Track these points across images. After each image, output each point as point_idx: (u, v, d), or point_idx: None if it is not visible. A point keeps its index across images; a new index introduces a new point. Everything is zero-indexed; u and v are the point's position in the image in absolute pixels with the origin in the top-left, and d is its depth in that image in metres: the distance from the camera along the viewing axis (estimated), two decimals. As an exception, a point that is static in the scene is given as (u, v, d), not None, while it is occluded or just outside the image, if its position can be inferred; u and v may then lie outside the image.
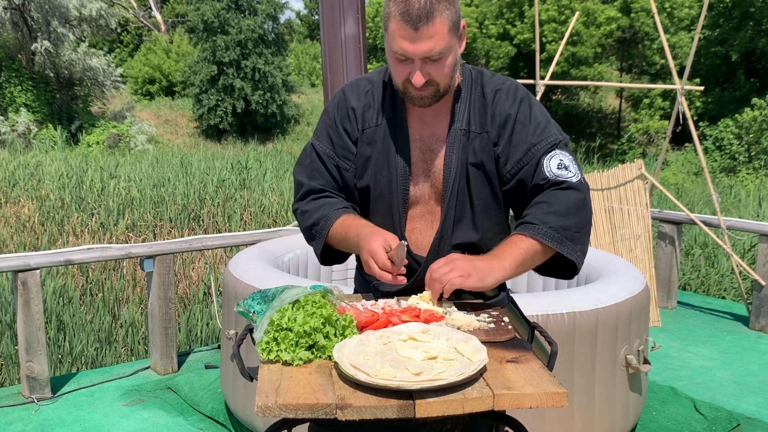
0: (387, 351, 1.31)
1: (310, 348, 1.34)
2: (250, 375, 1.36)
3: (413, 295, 1.62)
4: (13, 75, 19.35)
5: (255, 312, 1.44)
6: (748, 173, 16.57)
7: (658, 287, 5.28)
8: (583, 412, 2.78)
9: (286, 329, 1.34)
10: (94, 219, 8.09)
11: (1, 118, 18.47)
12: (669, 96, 21.03)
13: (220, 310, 4.51)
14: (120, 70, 22.98)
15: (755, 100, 17.88)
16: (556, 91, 24.39)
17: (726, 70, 21.80)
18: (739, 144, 17.52)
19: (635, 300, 2.92)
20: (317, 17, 37.18)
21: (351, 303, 1.55)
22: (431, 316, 1.49)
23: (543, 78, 5.81)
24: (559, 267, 1.68)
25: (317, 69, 32.04)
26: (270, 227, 8.01)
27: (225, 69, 23.63)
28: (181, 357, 4.28)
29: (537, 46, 6.10)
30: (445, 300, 1.56)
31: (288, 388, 1.21)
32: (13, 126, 18.53)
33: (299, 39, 37.35)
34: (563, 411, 2.71)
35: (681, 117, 5.28)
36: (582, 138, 22.40)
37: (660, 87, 6.74)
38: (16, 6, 19.21)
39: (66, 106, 20.37)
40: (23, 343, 3.60)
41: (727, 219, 5.29)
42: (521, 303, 1.87)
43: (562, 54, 20.08)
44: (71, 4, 20.36)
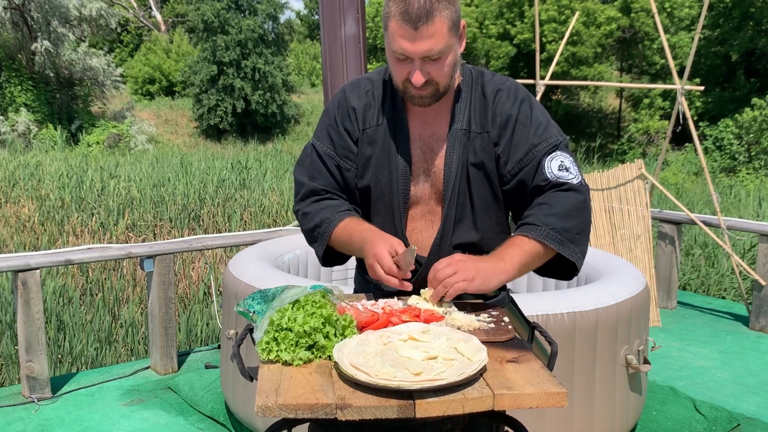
0: (387, 351, 1.31)
1: (310, 348, 1.34)
2: (250, 375, 1.36)
3: (413, 295, 1.63)
4: (13, 75, 19.35)
5: (255, 312, 1.44)
6: (748, 173, 16.56)
7: (658, 287, 5.28)
8: (583, 412, 2.78)
9: (286, 329, 1.34)
10: (94, 219, 8.09)
11: (1, 117, 18.47)
12: (669, 96, 21.03)
13: (220, 310, 4.51)
14: (120, 70, 22.98)
15: (755, 100, 17.88)
16: (556, 91, 24.39)
17: (726, 70, 21.80)
18: (739, 144, 17.52)
19: (635, 300, 2.92)
20: (317, 17, 37.17)
21: (351, 303, 1.55)
22: (431, 316, 1.49)
23: (543, 78, 5.81)
24: (560, 268, 1.68)
25: (317, 69, 32.04)
26: (270, 227, 8.01)
27: (225, 69, 23.63)
28: (181, 357, 4.28)
29: (537, 46, 6.10)
30: (445, 301, 1.56)
31: (288, 388, 1.21)
32: (13, 126, 18.53)
33: (299, 39, 37.35)
34: (563, 411, 2.71)
35: (681, 117, 5.28)
36: (582, 138, 22.40)
37: (660, 87, 6.74)
38: (16, 6, 19.21)
39: (66, 106, 20.37)
40: (23, 343, 3.60)
41: (727, 219, 5.29)
42: (521, 303, 1.87)
43: (562, 54, 20.07)
44: (71, 3, 20.36)
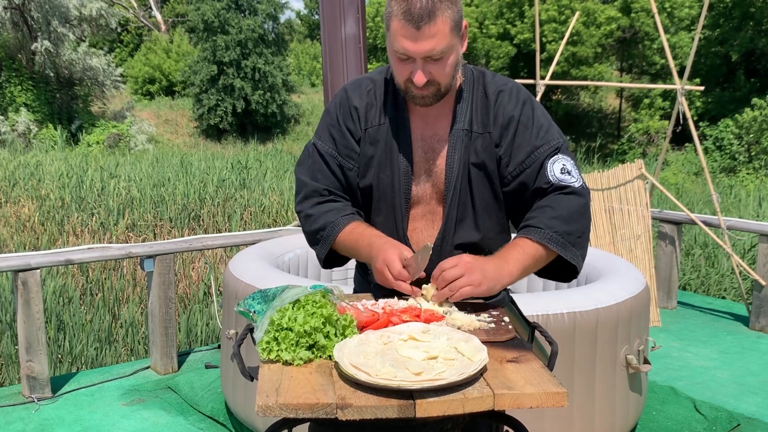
0: (387, 351, 1.31)
1: (310, 348, 1.34)
2: (250, 375, 1.36)
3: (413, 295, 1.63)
4: (13, 75, 19.36)
5: (255, 312, 1.44)
6: (748, 173, 16.56)
7: (658, 287, 5.28)
8: (584, 412, 2.78)
9: (286, 329, 1.34)
10: (94, 219, 8.09)
11: (1, 117, 18.47)
12: (669, 96, 21.02)
13: (220, 309, 4.51)
14: (120, 69, 22.99)
15: (755, 100, 17.88)
16: (556, 91, 24.39)
17: (726, 70, 21.80)
18: (739, 144, 17.52)
19: (635, 300, 2.92)
20: (317, 17, 37.16)
21: (351, 303, 1.55)
22: (431, 315, 1.49)
23: (543, 78, 5.81)
24: (560, 270, 1.69)
25: (317, 69, 32.04)
26: (270, 227, 8.01)
27: (225, 69, 23.63)
28: (181, 357, 4.28)
29: (537, 46, 6.10)
30: (446, 300, 1.57)
31: (288, 387, 1.21)
32: (13, 126, 18.53)
33: (299, 39, 37.35)
34: (563, 411, 2.71)
35: (681, 117, 5.28)
36: (582, 138, 22.40)
37: (660, 87, 6.74)
38: (16, 6, 19.21)
39: (66, 105, 20.37)
40: (23, 343, 3.60)
41: (728, 219, 5.29)
42: (521, 303, 1.88)
43: (562, 54, 20.06)
44: (71, 3, 20.36)
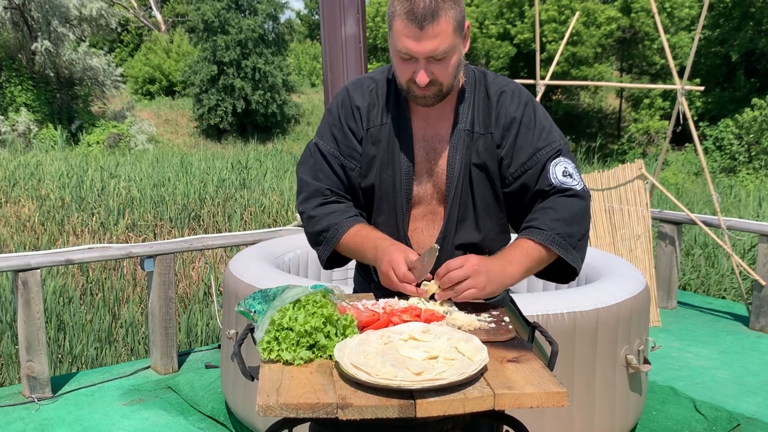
0: (388, 350, 1.31)
1: (311, 347, 1.34)
2: (251, 374, 1.36)
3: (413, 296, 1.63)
4: (14, 75, 19.36)
5: (256, 311, 1.44)
6: (748, 173, 16.56)
7: (658, 287, 5.28)
8: (584, 411, 2.78)
9: (287, 329, 1.34)
10: (94, 219, 8.09)
11: (2, 117, 18.47)
12: (669, 96, 21.02)
13: (220, 309, 4.51)
14: (120, 69, 22.99)
15: (755, 100, 17.88)
16: (556, 91, 24.39)
17: (726, 70, 21.80)
18: (740, 144, 17.52)
19: (635, 300, 2.92)
20: (317, 17, 37.16)
21: (352, 303, 1.55)
22: (432, 315, 1.49)
23: (543, 78, 5.81)
24: (560, 272, 1.70)
25: (317, 69, 32.04)
26: (270, 227, 8.01)
27: (225, 69, 23.63)
28: (182, 357, 4.28)
29: (537, 46, 6.10)
30: (446, 300, 1.57)
31: (289, 387, 1.21)
32: (14, 126, 18.53)
33: (299, 39, 37.35)
34: (563, 411, 2.71)
35: (681, 117, 5.28)
36: (582, 138, 22.41)
37: (660, 87, 6.73)
38: (16, 6, 19.21)
39: (66, 105, 20.37)
40: (23, 343, 3.60)
41: (728, 219, 5.29)
42: (521, 303, 1.88)
43: (562, 54, 20.06)
44: (71, 3, 20.36)
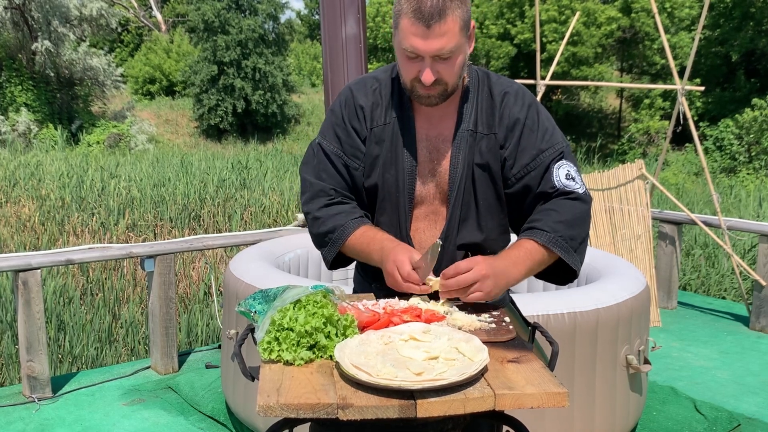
0: (388, 351, 1.31)
1: (311, 348, 1.34)
2: (251, 374, 1.36)
3: (414, 296, 1.63)
4: (14, 75, 19.36)
5: (256, 312, 1.44)
6: (748, 173, 16.56)
7: (658, 287, 5.28)
8: (584, 412, 2.78)
9: (287, 329, 1.34)
10: (94, 219, 8.09)
11: (2, 117, 18.47)
12: (669, 96, 21.02)
13: (220, 309, 4.51)
14: (120, 69, 22.99)
15: (755, 100, 17.88)
16: (556, 91, 24.39)
17: (726, 70, 21.80)
18: (740, 144, 17.52)
19: (636, 300, 2.92)
20: (318, 17, 37.15)
21: (352, 303, 1.55)
22: (432, 316, 1.49)
23: (543, 78, 5.80)
24: (560, 273, 1.70)
25: (318, 69, 32.04)
26: (270, 227, 8.01)
27: (225, 69, 23.63)
28: (182, 357, 4.28)
29: (537, 46, 6.09)
30: (447, 300, 1.57)
31: (289, 387, 1.21)
32: (14, 125, 18.54)
33: (300, 39, 37.35)
34: (564, 411, 2.71)
35: (681, 117, 5.28)
36: (582, 138, 22.41)
37: (660, 87, 6.73)
38: (16, 6, 19.21)
39: (66, 105, 20.37)
40: (24, 343, 3.60)
41: (728, 219, 5.29)
42: (521, 303, 1.88)
43: (562, 54, 20.05)
44: (72, 3, 20.36)
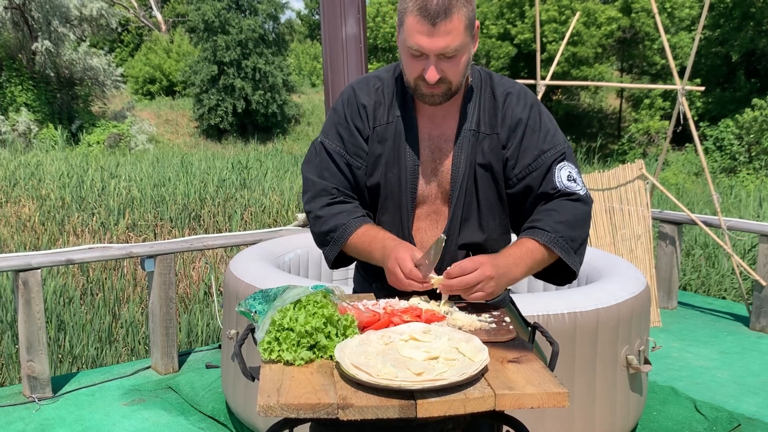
0: (388, 351, 1.31)
1: (311, 348, 1.34)
2: (251, 375, 1.36)
3: (414, 296, 1.63)
4: (14, 74, 19.36)
5: (257, 312, 1.44)
6: (748, 173, 16.56)
7: (658, 287, 5.28)
8: (584, 412, 2.78)
9: (287, 329, 1.34)
10: (94, 219, 8.09)
11: (2, 117, 18.47)
12: (669, 96, 21.02)
13: (220, 309, 4.51)
14: (120, 69, 22.99)
15: (756, 100, 17.88)
16: (556, 91, 24.39)
17: (726, 70, 21.81)
18: (740, 144, 17.52)
19: (636, 300, 2.92)
20: (318, 17, 37.15)
21: (352, 303, 1.55)
22: (433, 316, 1.49)
23: (544, 78, 5.80)
24: (560, 273, 1.70)
25: (318, 69, 32.05)
26: (270, 227, 8.01)
27: (225, 69, 23.64)
28: (182, 357, 4.28)
29: (538, 46, 6.09)
30: (447, 300, 1.57)
31: (290, 387, 1.21)
32: (14, 125, 18.54)
33: (300, 39, 37.35)
34: (564, 411, 2.71)
35: (681, 117, 5.28)
36: (582, 138, 22.41)
37: (660, 87, 6.73)
38: (16, 6, 19.21)
39: (66, 105, 20.37)
40: (24, 343, 3.60)
41: (728, 219, 5.29)
42: (522, 303, 1.88)
43: (562, 54, 20.06)
44: (72, 3, 20.36)
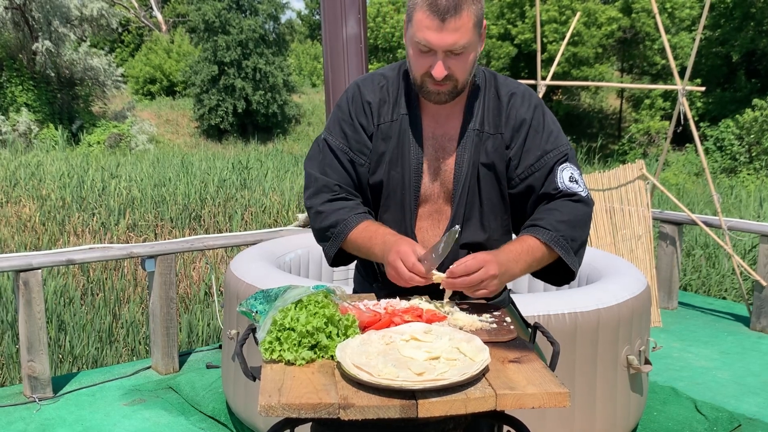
0: (389, 351, 1.31)
1: (312, 348, 1.34)
2: (252, 374, 1.36)
3: (415, 296, 1.63)
4: (14, 75, 19.36)
5: (258, 312, 1.44)
6: (748, 174, 16.56)
7: (659, 288, 5.28)
8: (585, 412, 2.78)
9: (288, 329, 1.34)
10: (95, 219, 8.09)
11: (2, 117, 18.47)
12: (670, 96, 21.02)
13: (221, 309, 4.51)
14: (121, 69, 22.98)
15: (756, 100, 17.87)
16: (557, 92, 24.39)
17: (727, 70, 21.80)
18: (740, 145, 17.51)
19: (636, 300, 2.92)
20: (318, 17, 37.16)
21: (353, 303, 1.55)
22: (433, 316, 1.49)
23: (544, 78, 5.81)
24: (560, 272, 1.70)
25: (318, 69, 32.05)
26: (271, 227, 8.01)
27: (226, 69, 23.64)
28: (183, 357, 4.28)
29: (538, 46, 6.09)
30: (448, 300, 1.57)
31: (291, 387, 1.21)
32: (14, 126, 18.53)
33: (300, 39, 37.36)
34: (564, 411, 2.71)
35: (682, 117, 5.28)
36: (583, 138, 22.39)
37: (661, 87, 6.73)
38: (17, 6, 19.21)
39: (67, 105, 20.37)
40: (25, 343, 3.60)
41: (728, 219, 5.29)
42: (523, 303, 1.88)
43: (563, 54, 20.07)
44: (72, 3, 20.36)
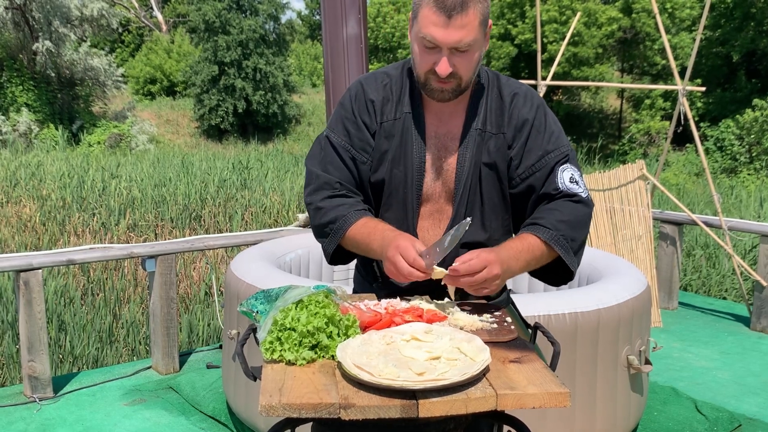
0: (390, 351, 1.31)
1: (313, 348, 1.34)
2: (253, 374, 1.36)
3: (415, 296, 1.63)
4: (15, 75, 19.36)
5: (258, 312, 1.44)
6: (749, 174, 16.56)
7: (659, 288, 5.28)
8: (585, 412, 2.78)
9: (289, 329, 1.34)
10: (95, 219, 8.09)
11: (3, 117, 18.47)
12: (670, 96, 21.02)
13: (221, 309, 4.51)
14: (121, 70, 22.99)
15: (756, 100, 17.87)
16: (557, 92, 24.39)
17: (727, 70, 21.80)
18: (740, 145, 17.52)
19: (637, 300, 2.92)
20: (318, 17, 37.17)
21: (354, 303, 1.55)
22: (434, 316, 1.49)
23: (544, 78, 5.81)
24: (559, 272, 1.70)
25: (318, 69, 32.06)
26: (271, 227, 8.01)
27: (226, 69, 23.64)
28: (183, 357, 4.29)
29: (538, 46, 6.09)
30: (448, 301, 1.57)
31: (291, 387, 1.22)
32: (15, 126, 18.54)
33: (300, 39, 37.37)
34: (565, 411, 2.72)
35: (682, 117, 5.28)
36: (583, 138, 22.39)
37: (661, 87, 6.74)
38: (17, 6, 19.22)
39: (67, 105, 20.38)
40: (25, 343, 3.61)
41: (729, 220, 5.29)
42: (523, 303, 1.88)
43: (563, 54, 20.06)
44: (72, 4, 20.36)
